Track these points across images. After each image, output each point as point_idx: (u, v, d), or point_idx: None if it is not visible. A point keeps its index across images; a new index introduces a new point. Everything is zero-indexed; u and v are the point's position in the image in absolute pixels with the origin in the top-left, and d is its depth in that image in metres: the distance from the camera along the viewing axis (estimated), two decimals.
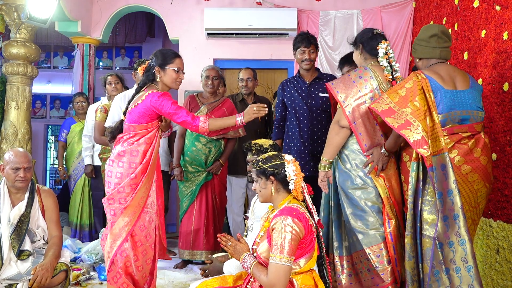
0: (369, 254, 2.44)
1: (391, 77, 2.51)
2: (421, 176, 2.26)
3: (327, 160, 2.55)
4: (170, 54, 2.64)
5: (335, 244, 2.60)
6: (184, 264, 3.76)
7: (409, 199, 2.28)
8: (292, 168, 1.99)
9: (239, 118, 2.54)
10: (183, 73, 2.66)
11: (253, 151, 2.50)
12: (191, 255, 3.68)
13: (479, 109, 2.38)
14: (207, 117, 2.53)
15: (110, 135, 2.72)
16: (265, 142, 2.53)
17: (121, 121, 2.67)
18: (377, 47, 2.55)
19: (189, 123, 2.51)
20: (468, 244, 2.12)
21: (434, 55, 2.44)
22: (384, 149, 2.41)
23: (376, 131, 2.48)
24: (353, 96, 2.47)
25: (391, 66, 2.52)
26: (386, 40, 2.58)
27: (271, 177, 1.99)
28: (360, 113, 2.46)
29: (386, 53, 2.53)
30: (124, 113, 2.64)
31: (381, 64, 2.53)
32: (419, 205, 2.25)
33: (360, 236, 2.46)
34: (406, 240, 2.29)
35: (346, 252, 2.58)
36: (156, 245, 2.67)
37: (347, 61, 3.18)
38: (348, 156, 2.53)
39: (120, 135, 2.63)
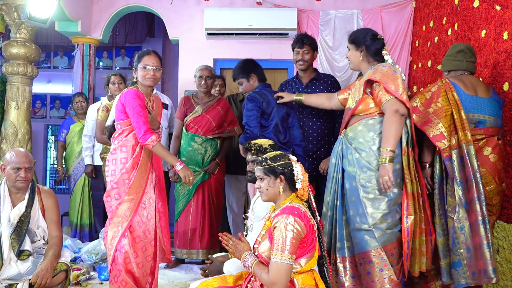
0: (385, 252, 2.43)
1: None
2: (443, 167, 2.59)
3: (393, 151, 2.41)
4: (140, 54, 2.67)
5: (338, 244, 2.57)
6: (177, 262, 3.75)
7: (436, 185, 2.60)
8: (299, 168, 2.01)
9: (178, 166, 2.55)
10: (156, 69, 2.62)
11: (252, 151, 2.50)
12: (188, 254, 3.69)
13: (497, 116, 2.62)
14: (158, 140, 2.53)
15: (108, 133, 2.77)
16: (264, 142, 2.52)
17: None
18: (383, 54, 2.61)
19: (140, 134, 2.49)
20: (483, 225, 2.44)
21: (461, 67, 2.73)
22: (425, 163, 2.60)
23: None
24: (400, 86, 2.44)
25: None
26: (385, 45, 2.66)
27: (281, 176, 1.99)
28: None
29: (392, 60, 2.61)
30: None
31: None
32: (444, 190, 2.58)
33: (377, 234, 2.43)
34: (435, 220, 2.57)
35: (348, 253, 2.55)
36: (156, 243, 2.68)
37: (241, 72, 3.19)
38: (377, 153, 2.48)
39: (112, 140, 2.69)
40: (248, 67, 3.18)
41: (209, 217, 3.71)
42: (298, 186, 2.00)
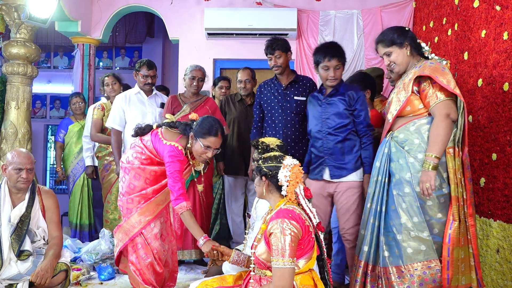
0: (429, 267, 2.33)
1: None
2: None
3: (438, 158, 2.28)
4: (207, 129, 2.54)
5: (365, 248, 2.46)
6: None
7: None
8: (285, 174, 1.95)
9: (201, 240, 2.31)
10: (215, 150, 2.56)
11: (259, 150, 2.46)
12: (181, 255, 3.66)
13: None
14: (188, 207, 2.40)
15: (134, 132, 2.72)
16: (272, 141, 2.48)
17: (150, 127, 2.70)
18: (419, 42, 2.51)
19: (173, 196, 2.41)
20: None
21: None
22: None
23: None
24: (452, 81, 2.31)
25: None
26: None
27: (263, 178, 2.01)
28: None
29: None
30: (158, 126, 2.68)
31: (431, 58, 2.49)
32: None
33: (436, 245, 2.33)
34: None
35: (394, 263, 2.40)
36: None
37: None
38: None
39: (135, 142, 2.67)
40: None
41: (201, 216, 3.69)
42: (283, 192, 1.98)
